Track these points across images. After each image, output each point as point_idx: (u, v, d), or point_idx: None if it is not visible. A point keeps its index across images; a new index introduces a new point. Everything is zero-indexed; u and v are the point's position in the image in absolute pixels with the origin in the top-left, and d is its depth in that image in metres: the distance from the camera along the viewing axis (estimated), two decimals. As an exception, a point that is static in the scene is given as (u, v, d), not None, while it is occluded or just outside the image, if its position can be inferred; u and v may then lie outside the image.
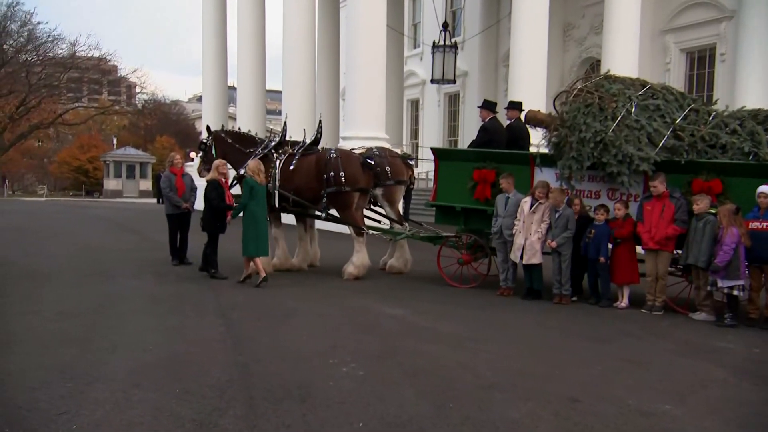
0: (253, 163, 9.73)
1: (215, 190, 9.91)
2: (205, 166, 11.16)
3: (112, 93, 62.14)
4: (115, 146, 52.66)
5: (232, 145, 10.91)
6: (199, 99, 64.72)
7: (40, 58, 48.56)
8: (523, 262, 8.78)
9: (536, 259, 8.74)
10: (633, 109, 8.28)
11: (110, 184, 49.09)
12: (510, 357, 6.06)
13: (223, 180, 10.14)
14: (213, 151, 11.01)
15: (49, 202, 37.74)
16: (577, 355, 6.20)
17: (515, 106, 10.42)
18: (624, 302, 8.49)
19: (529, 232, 8.75)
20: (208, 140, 11.15)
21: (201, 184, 11.49)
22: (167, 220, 11.37)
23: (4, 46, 46.97)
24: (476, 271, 10.07)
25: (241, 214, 9.54)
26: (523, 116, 9.96)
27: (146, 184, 49.62)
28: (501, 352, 6.22)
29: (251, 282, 9.51)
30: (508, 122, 10.39)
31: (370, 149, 11.09)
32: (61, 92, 51.05)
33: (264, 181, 9.65)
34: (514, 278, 9.23)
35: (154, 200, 38.73)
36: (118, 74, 56.95)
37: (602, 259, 8.44)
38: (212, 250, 10.05)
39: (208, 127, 11.42)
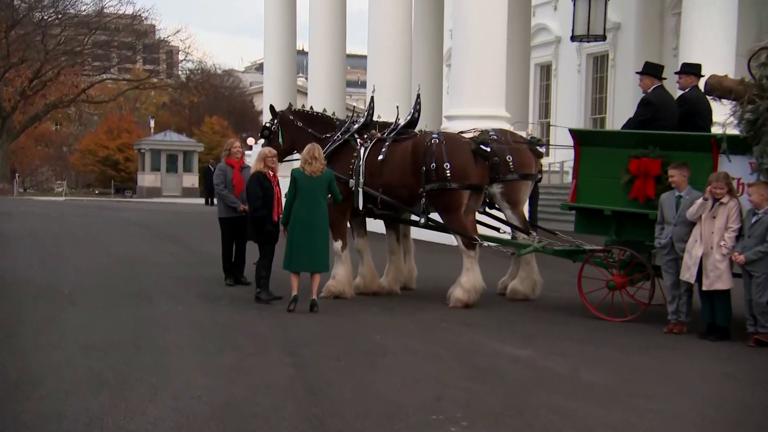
0: (306, 149, 9.93)
1: (260, 185, 10.20)
2: (270, 158, 11.44)
3: (148, 61, 64.79)
4: (152, 130, 54.56)
5: (303, 129, 11.13)
6: (259, 68, 66.34)
7: (59, 16, 51.08)
8: (704, 287, 8.50)
9: (721, 284, 8.44)
10: None
11: (146, 179, 50.87)
12: (685, 420, 5.88)
13: (271, 174, 10.42)
14: (280, 138, 11.25)
15: (69, 203, 39.68)
16: (782, 421, 5.95)
17: (691, 69, 10.10)
18: None
19: (710, 245, 8.46)
20: (272, 124, 11.42)
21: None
22: (220, 225, 11.72)
23: (15, 2, 49.56)
24: (633, 299, 9.83)
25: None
26: (702, 84, 9.63)
27: (192, 180, 51.12)
28: (672, 412, 6.04)
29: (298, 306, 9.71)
30: (681, 93, 10.09)
31: (485, 132, 11.04)
32: (85, 60, 53.55)
33: (318, 171, 9.71)
34: (690, 309, 8.96)
35: (202, 200, 40.01)
36: (157, 37, 59.31)
37: None
38: (262, 264, 10.34)
39: (272, 108, 11.69)
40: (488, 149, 10.33)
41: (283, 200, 10.09)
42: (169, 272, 12.89)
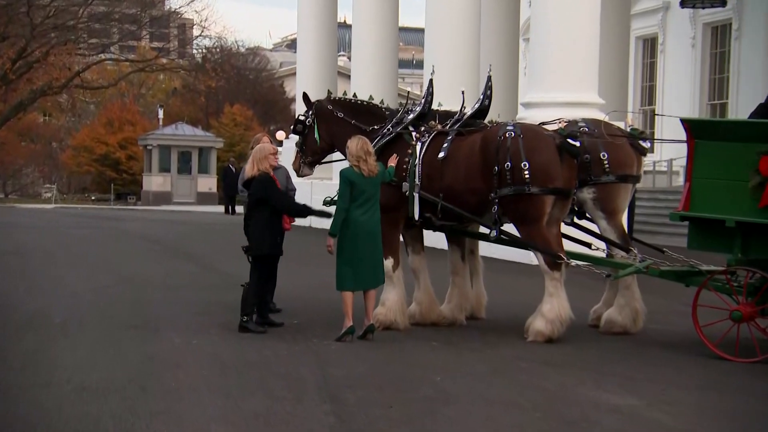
0: (354, 143, 10.03)
1: (271, 187, 10.43)
2: (304, 158, 11.51)
3: (156, 38, 65.49)
4: (160, 122, 55.17)
5: (344, 121, 11.19)
6: (291, 45, 66.75)
7: (49, -18, 51.73)
8: None
9: None
10: None
11: (153, 182, 51.38)
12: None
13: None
14: (316, 134, 11.35)
15: (60, 211, 40.30)
16: None
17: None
18: None
19: None
20: (308, 116, 11.52)
21: (298, 183, 11.91)
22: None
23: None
24: (766, 334, 9.69)
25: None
26: None
27: (208, 183, 51.53)
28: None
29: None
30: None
31: (572, 123, 11.00)
32: (80, 37, 54.07)
33: (375, 169, 9.95)
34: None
35: (221, 208, 40.34)
36: (166, 8, 59.94)
37: None
38: (257, 287, 10.55)
39: (306, 97, 11.76)
40: (577, 144, 10.28)
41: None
42: (182, 297, 13.05)
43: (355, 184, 9.84)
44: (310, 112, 11.47)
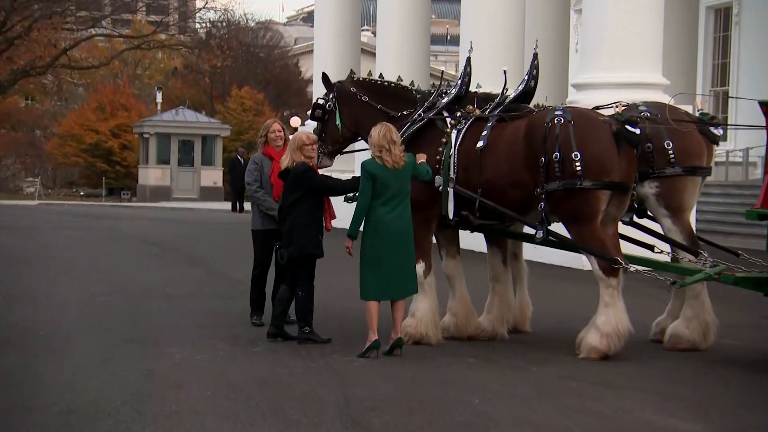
0: (376, 131, 10.05)
1: (311, 177, 10.57)
2: (324, 147, 11.52)
3: (153, 10, 65.76)
4: (159, 107, 55.26)
5: (369, 106, 11.22)
6: (308, 18, 66.87)
7: (32, -51, 51.97)
8: None
9: None
10: None
11: (150, 175, 51.37)
12: None
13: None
14: (337, 120, 11.37)
15: (45, 209, 40.47)
16: None
17: None
18: None
19: None
20: (328, 100, 11.54)
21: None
22: (253, 241, 11.91)
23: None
24: None
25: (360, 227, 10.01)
26: None
27: (213, 176, 51.56)
28: None
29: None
30: None
31: (632, 107, 10.98)
32: (67, 10, 54.27)
33: (401, 161, 9.93)
34: None
35: (228, 205, 40.45)
36: (166, -24, 60.16)
37: None
38: (307, 293, 10.57)
39: (326, 78, 11.77)
40: (637, 131, 10.25)
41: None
42: (184, 306, 13.13)
43: (377, 177, 9.83)
44: (331, 95, 11.48)
